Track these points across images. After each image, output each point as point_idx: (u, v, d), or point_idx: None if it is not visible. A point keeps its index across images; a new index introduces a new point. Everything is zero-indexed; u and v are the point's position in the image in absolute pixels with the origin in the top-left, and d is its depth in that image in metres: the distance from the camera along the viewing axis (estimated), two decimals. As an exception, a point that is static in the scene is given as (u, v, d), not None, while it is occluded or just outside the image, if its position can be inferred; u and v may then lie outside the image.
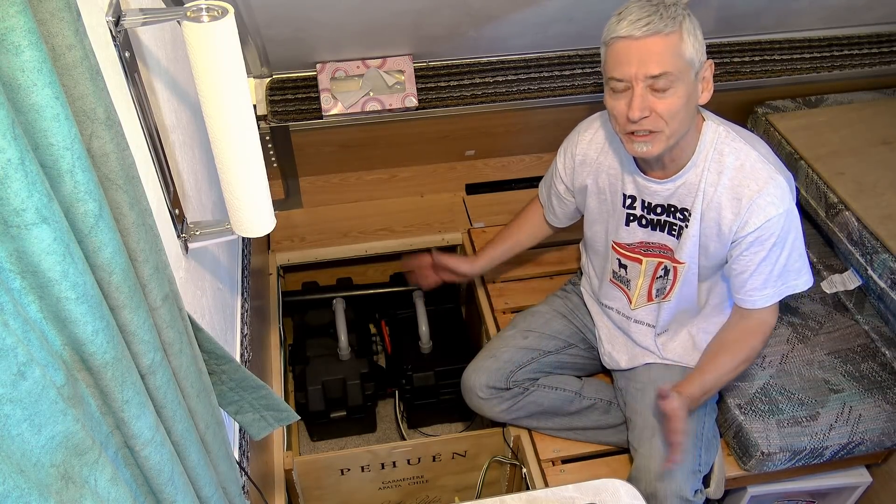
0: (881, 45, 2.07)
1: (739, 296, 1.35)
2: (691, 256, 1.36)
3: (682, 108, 1.20)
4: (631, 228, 1.43)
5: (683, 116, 1.22)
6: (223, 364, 0.91)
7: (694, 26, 1.18)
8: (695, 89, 1.22)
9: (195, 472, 0.72)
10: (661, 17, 1.15)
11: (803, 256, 1.33)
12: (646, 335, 1.52)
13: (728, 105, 2.11)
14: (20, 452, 0.42)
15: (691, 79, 1.20)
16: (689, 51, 1.17)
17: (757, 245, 1.28)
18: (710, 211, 1.30)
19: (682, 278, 1.40)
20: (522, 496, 1.19)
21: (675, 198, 1.34)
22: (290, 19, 1.49)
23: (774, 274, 1.30)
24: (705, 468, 1.41)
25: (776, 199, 1.25)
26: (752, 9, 1.80)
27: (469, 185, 2.21)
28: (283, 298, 2.00)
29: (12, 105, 0.44)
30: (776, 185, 1.25)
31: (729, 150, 1.28)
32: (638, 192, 1.38)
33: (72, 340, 0.50)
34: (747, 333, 1.38)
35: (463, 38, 1.71)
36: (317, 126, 1.85)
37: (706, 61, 1.22)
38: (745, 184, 1.26)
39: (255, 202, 0.90)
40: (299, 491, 1.65)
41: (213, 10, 0.76)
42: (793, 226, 1.29)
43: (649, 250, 1.44)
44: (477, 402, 1.58)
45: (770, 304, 1.34)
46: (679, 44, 1.16)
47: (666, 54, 1.16)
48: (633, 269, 1.48)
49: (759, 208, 1.25)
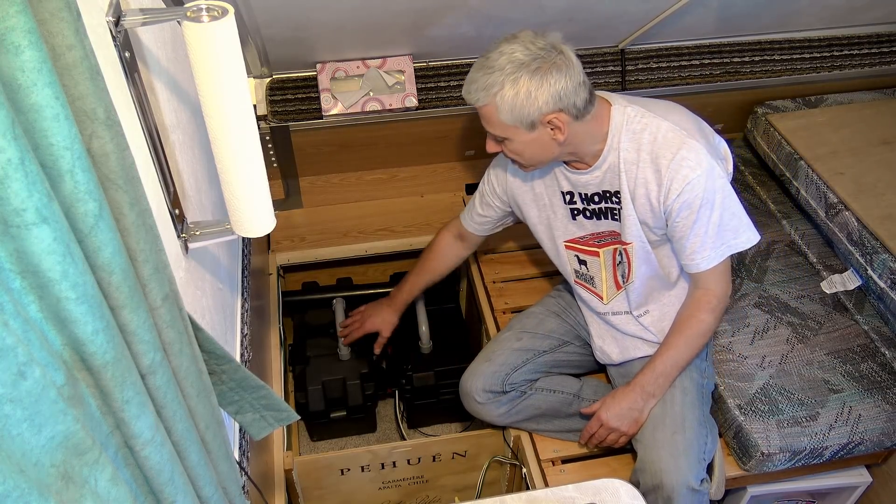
0: (881, 45, 2.07)
1: (684, 261, 1.40)
2: (636, 236, 1.40)
3: (524, 150, 1.32)
4: (578, 222, 1.47)
5: (533, 154, 1.33)
6: (223, 364, 0.91)
7: (517, 90, 1.22)
8: (539, 136, 1.28)
9: (195, 471, 0.72)
10: (478, 87, 1.24)
11: (737, 215, 1.36)
12: (627, 323, 1.54)
13: (728, 105, 2.11)
14: (20, 452, 0.42)
15: (524, 132, 1.27)
16: (508, 117, 1.25)
17: (685, 209, 1.31)
18: (639, 188, 1.34)
19: (637, 257, 1.43)
20: (522, 496, 1.19)
21: (605, 183, 1.38)
22: (290, 19, 1.49)
23: (710, 234, 1.34)
24: (709, 456, 1.42)
25: (691, 161, 1.28)
26: (752, 9, 1.80)
27: (469, 185, 2.21)
28: (283, 298, 2.00)
29: (12, 105, 0.44)
30: (689, 148, 1.29)
31: (641, 127, 1.32)
32: (572, 186, 1.43)
33: (72, 340, 0.50)
34: (696, 308, 1.42)
35: (463, 38, 1.71)
36: (317, 126, 1.85)
37: (548, 114, 1.24)
38: (661, 154, 1.30)
39: (255, 202, 0.90)
40: (299, 491, 1.65)
41: (213, 10, 0.76)
42: (717, 185, 1.31)
43: (602, 240, 1.47)
44: (475, 407, 1.58)
45: (713, 264, 1.37)
46: (494, 113, 1.25)
47: (484, 118, 1.29)
48: (594, 264, 1.51)
49: (676, 173, 1.29)
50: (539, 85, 1.21)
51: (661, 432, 1.38)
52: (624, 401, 1.42)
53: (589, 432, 1.48)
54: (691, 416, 1.40)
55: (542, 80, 1.21)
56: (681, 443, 1.36)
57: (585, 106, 1.27)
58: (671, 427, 1.38)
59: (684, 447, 1.36)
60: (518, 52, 1.21)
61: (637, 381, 1.43)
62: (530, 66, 1.21)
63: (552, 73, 1.21)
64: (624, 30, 1.83)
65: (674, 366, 1.42)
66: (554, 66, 1.22)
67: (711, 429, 1.45)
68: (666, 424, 1.39)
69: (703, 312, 1.41)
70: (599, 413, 1.45)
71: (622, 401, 1.43)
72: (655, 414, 1.42)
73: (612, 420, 1.43)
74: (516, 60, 1.21)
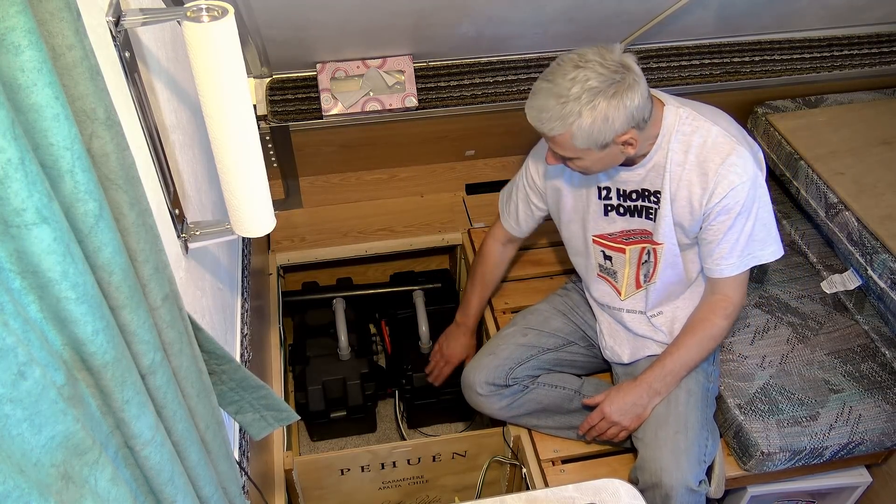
0: (881, 45, 2.07)
1: (707, 265, 1.40)
2: (668, 237, 1.40)
3: (593, 166, 1.30)
4: (610, 218, 1.47)
5: (599, 167, 1.32)
6: (223, 364, 0.90)
7: (595, 115, 1.19)
8: (609, 152, 1.27)
9: (195, 471, 0.72)
10: (552, 117, 1.20)
11: (768, 227, 1.37)
12: (640, 323, 1.54)
13: (728, 105, 2.10)
14: (20, 452, 0.42)
15: (596, 151, 1.25)
16: (581, 142, 1.22)
17: (723, 214, 1.32)
18: (681, 189, 1.34)
19: (664, 259, 1.44)
20: (522, 496, 1.19)
21: (646, 181, 1.38)
22: (290, 19, 1.49)
23: (740, 243, 1.35)
24: (709, 459, 1.42)
25: (739, 168, 1.29)
26: (752, 9, 1.80)
27: (469, 185, 2.21)
28: (283, 298, 2.00)
29: (12, 105, 0.44)
30: (738, 154, 1.29)
31: (691, 129, 1.32)
32: (611, 182, 1.42)
33: (72, 340, 0.50)
34: (711, 311, 1.43)
35: (463, 38, 1.71)
36: (317, 126, 1.85)
37: (624, 133, 1.23)
38: (709, 158, 1.31)
39: (255, 202, 0.90)
40: (299, 491, 1.65)
41: (213, 10, 0.76)
42: (758, 195, 1.33)
43: (630, 238, 1.47)
44: (477, 399, 1.58)
45: (735, 273, 1.38)
46: (568, 140, 1.23)
47: (557, 144, 1.26)
48: (619, 260, 1.51)
49: (723, 178, 1.30)
50: (616, 109, 1.19)
51: (663, 431, 1.39)
52: (629, 395, 1.43)
53: (589, 424, 1.48)
54: (694, 418, 1.40)
55: (619, 104, 1.19)
56: (682, 443, 1.36)
57: (649, 115, 1.27)
58: (674, 427, 1.38)
59: (685, 447, 1.36)
60: (592, 80, 1.18)
61: (644, 378, 1.43)
62: (607, 93, 1.18)
63: (627, 94, 1.19)
64: (624, 30, 1.83)
65: (682, 366, 1.42)
66: (629, 87, 1.19)
67: (713, 432, 1.45)
68: (669, 424, 1.39)
69: (718, 317, 1.41)
70: (602, 406, 1.45)
71: (627, 395, 1.43)
72: (659, 413, 1.42)
73: (614, 414, 1.43)
74: (592, 89, 1.18)
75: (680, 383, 1.44)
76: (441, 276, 2.20)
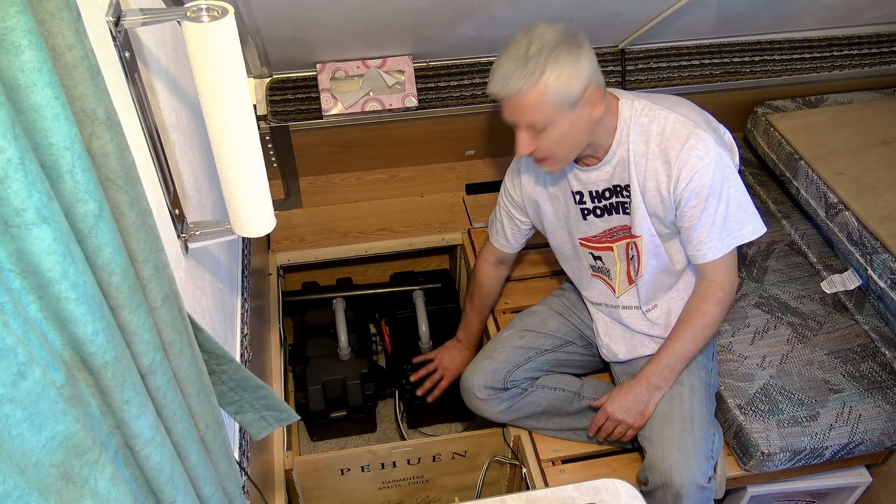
0: (881, 45, 2.07)
1: (690, 252, 1.41)
2: (646, 228, 1.41)
3: (564, 138, 1.29)
4: (589, 221, 1.48)
5: (571, 142, 1.31)
6: (223, 364, 0.91)
7: (560, 66, 1.20)
8: (579, 116, 1.27)
9: (195, 471, 0.72)
10: (519, 76, 1.21)
11: (744, 206, 1.37)
12: (637, 319, 1.54)
13: (728, 105, 2.11)
14: (20, 452, 0.42)
15: (567, 113, 1.25)
16: (553, 97, 1.22)
17: (693, 198, 1.33)
18: (649, 180, 1.35)
19: (646, 251, 1.44)
20: (522, 496, 1.19)
21: (615, 178, 1.39)
22: (290, 19, 1.49)
23: (717, 225, 1.35)
24: (716, 455, 1.42)
25: (700, 150, 1.30)
26: (752, 9, 1.80)
27: (469, 185, 2.21)
28: (283, 298, 2.00)
29: (12, 105, 0.44)
30: (697, 137, 1.30)
31: (649, 119, 1.34)
32: (581, 185, 1.44)
33: (72, 340, 0.50)
34: (701, 300, 1.43)
35: (463, 38, 1.71)
36: (317, 126, 1.85)
37: (587, 87, 1.24)
38: (669, 145, 1.32)
39: (255, 202, 0.90)
40: (299, 491, 1.65)
41: (213, 10, 0.76)
42: (725, 175, 1.33)
43: (614, 235, 1.48)
44: (476, 403, 1.58)
45: (718, 255, 1.38)
46: (540, 97, 1.23)
47: (529, 108, 1.24)
48: (608, 258, 1.52)
49: (685, 163, 1.30)
50: (577, 57, 1.21)
51: (669, 430, 1.39)
52: (630, 393, 1.43)
53: (596, 425, 1.49)
54: (699, 414, 1.40)
55: (580, 52, 1.22)
56: (690, 440, 1.36)
57: (604, 83, 1.28)
58: (680, 425, 1.38)
59: (693, 445, 1.36)
60: (547, 36, 1.21)
61: (643, 374, 1.44)
62: (565, 42, 1.21)
63: (584, 44, 1.23)
64: (624, 29, 1.83)
65: (679, 358, 1.43)
66: (583, 40, 1.23)
67: (717, 428, 1.46)
68: (675, 422, 1.39)
69: (708, 304, 1.41)
70: (606, 405, 1.45)
71: (628, 393, 1.43)
72: (664, 412, 1.42)
73: (617, 412, 1.43)
74: (549, 43, 1.20)
75: (682, 380, 1.44)
76: (441, 276, 2.20)
